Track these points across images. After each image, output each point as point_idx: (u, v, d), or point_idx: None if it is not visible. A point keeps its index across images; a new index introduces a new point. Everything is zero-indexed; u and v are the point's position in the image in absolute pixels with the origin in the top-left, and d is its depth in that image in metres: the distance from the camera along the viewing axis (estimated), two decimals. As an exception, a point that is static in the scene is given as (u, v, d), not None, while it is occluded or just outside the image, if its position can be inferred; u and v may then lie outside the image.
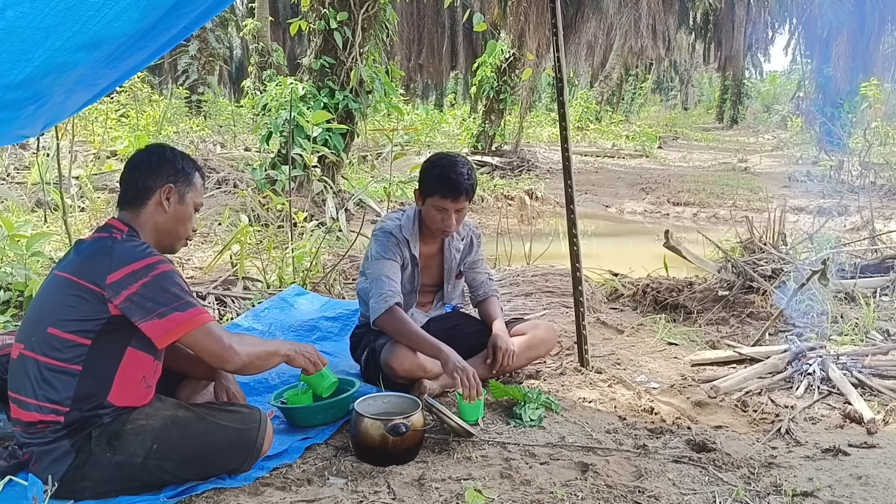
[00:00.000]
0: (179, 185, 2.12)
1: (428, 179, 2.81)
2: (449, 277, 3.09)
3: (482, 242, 3.19)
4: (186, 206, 2.14)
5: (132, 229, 2.06)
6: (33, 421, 1.93)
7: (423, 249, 2.96)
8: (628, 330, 3.92)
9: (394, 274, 2.81)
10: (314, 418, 2.48)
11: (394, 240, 2.87)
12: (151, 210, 2.09)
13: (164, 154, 2.15)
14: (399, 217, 2.97)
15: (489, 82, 13.25)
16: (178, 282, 1.98)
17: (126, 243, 1.99)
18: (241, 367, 2.08)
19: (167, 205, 2.10)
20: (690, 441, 2.46)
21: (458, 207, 2.78)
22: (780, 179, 12.61)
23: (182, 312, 1.94)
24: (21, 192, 6.68)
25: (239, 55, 27.03)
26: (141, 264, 1.93)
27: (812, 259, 4.57)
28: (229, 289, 4.31)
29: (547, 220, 8.98)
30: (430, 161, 2.87)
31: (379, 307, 2.74)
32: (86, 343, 1.92)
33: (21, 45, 1.84)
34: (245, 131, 14.04)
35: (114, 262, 1.92)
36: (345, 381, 2.63)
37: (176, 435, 2.00)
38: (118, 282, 1.90)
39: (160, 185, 2.09)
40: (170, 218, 2.11)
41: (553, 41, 3.16)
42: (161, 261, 1.97)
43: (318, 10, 7.07)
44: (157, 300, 1.92)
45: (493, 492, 2.06)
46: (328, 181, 6.27)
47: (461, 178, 2.74)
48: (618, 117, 25.60)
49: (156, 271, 1.94)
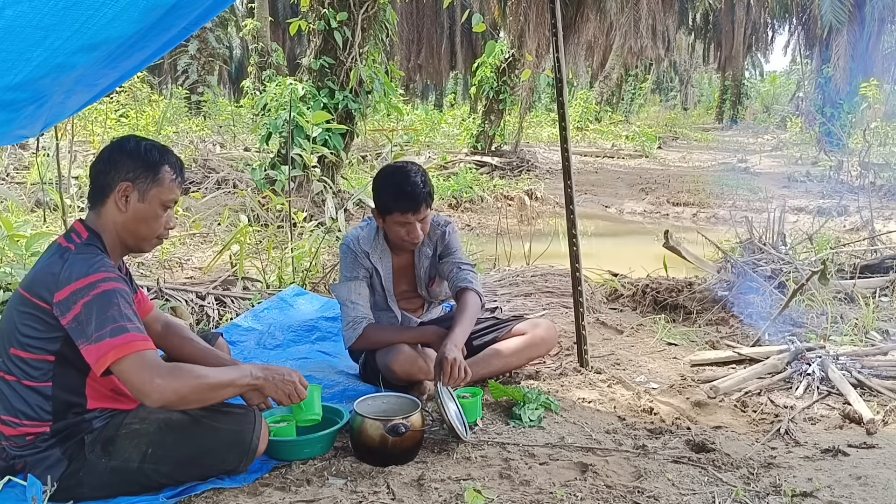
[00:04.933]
0: (139, 182, 1.95)
1: (383, 197, 2.70)
2: (420, 284, 3.01)
3: (455, 232, 2.99)
4: (149, 204, 1.97)
5: (93, 234, 1.95)
6: (20, 434, 1.91)
7: (395, 261, 2.91)
8: (628, 330, 3.92)
9: (358, 296, 2.78)
10: (300, 452, 2.26)
11: (351, 254, 2.82)
12: (111, 210, 1.96)
13: (124, 148, 1.98)
14: (363, 227, 2.90)
15: (489, 82, 13.26)
16: (117, 302, 1.81)
17: (77, 255, 1.87)
18: (167, 404, 1.85)
19: (123, 204, 1.94)
20: (690, 441, 2.46)
21: (420, 218, 2.70)
22: (780, 180, 12.61)
23: (113, 338, 1.78)
24: (21, 192, 6.68)
25: (239, 55, 27.04)
26: (84, 283, 1.80)
27: (812, 259, 4.58)
28: (229, 289, 4.31)
29: (546, 221, 8.98)
30: (381, 176, 2.75)
31: (350, 336, 2.76)
32: (49, 360, 1.87)
33: (20, 44, 1.83)
34: (245, 131, 14.03)
35: (60, 280, 1.81)
36: (331, 409, 2.41)
37: (170, 438, 1.96)
38: (63, 301, 1.80)
39: (116, 183, 1.94)
40: (129, 218, 1.96)
41: (553, 41, 3.16)
42: (105, 279, 1.83)
43: (318, 10, 7.07)
44: (94, 323, 1.79)
45: (493, 492, 2.06)
46: (328, 181, 6.27)
47: (417, 188, 2.65)
48: (617, 117, 25.63)
49: (96, 290, 1.80)
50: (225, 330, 3.55)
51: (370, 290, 2.88)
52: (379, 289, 2.91)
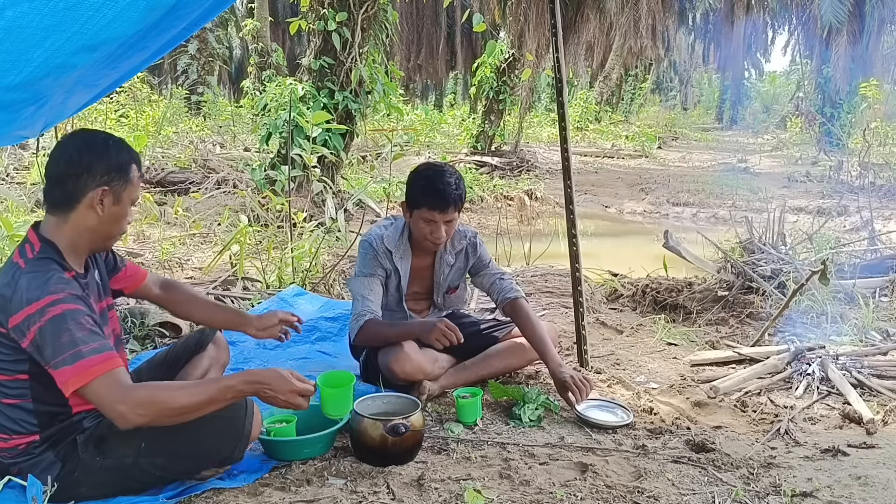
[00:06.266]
0: (115, 185, 1.87)
1: (414, 191, 2.74)
2: (438, 290, 3.03)
3: (483, 243, 3.09)
4: (122, 205, 1.91)
5: (46, 244, 1.86)
6: (11, 447, 1.90)
7: (414, 262, 2.92)
8: (628, 330, 3.92)
9: (370, 292, 2.79)
10: (300, 452, 2.25)
11: (372, 252, 2.83)
12: (82, 214, 1.86)
13: (95, 147, 1.87)
14: (387, 226, 2.92)
15: (489, 82, 13.27)
16: (68, 327, 1.74)
17: (27, 274, 1.79)
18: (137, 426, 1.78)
19: (100, 209, 1.86)
20: (690, 441, 2.46)
21: (447, 219, 2.72)
22: (780, 180, 12.62)
23: (72, 365, 1.72)
24: (21, 192, 6.68)
25: (239, 55, 27.02)
26: (34, 308, 1.73)
27: (812, 259, 4.57)
28: (229, 289, 4.31)
29: (546, 221, 8.98)
30: (416, 172, 2.80)
31: (353, 328, 2.78)
32: (24, 378, 1.84)
33: (20, 45, 1.83)
34: (245, 131, 14.04)
35: (13, 304, 1.75)
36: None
37: (163, 431, 1.92)
38: (18, 326, 1.75)
39: (92, 189, 1.84)
40: (103, 221, 1.89)
41: (553, 41, 3.16)
42: (54, 301, 1.75)
43: (318, 10, 7.07)
44: (49, 349, 1.73)
45: (493, 492, 2.06)
46: (328, 181, 6.28)
47: (449, 188, 2.68)
48: (617, 117, 25.63)
49: (46, 316, 1.73)
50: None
51: (384, 289, 2.89)
52: (393, 290, 2.92)
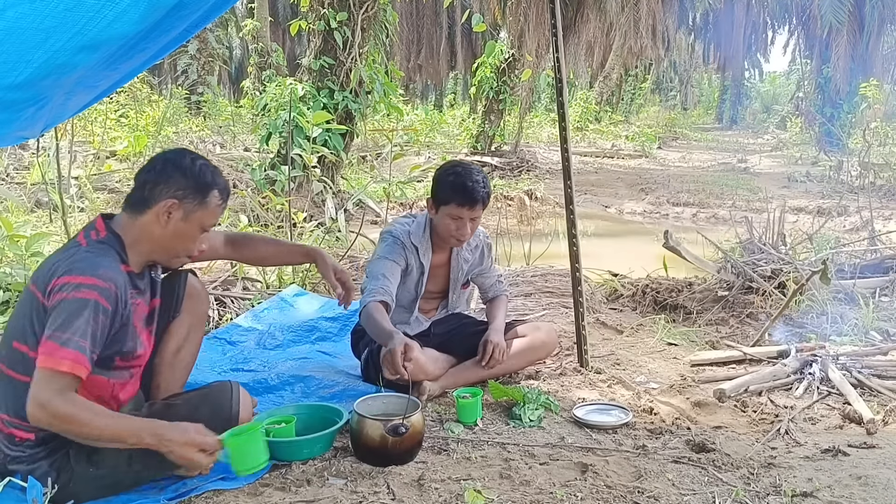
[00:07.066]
0: (187, 202, 1.92)
1: (443, 187, 2.78)
2: (455, 287, 3.09)
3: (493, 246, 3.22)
4: (190, 224, 1.94)
5: (112, 234, 1.92)
6: (10, 433, 1.89)
7: (433, 259, 2.95)
8: (628, 330, 3.92)
9: (391, 274, 2.78)
10: (300, 452, 2.25)
11: (399, 244, 2.85)
12: (149, 220, 1.93)
13: (180, 163, 1.95)
14: (409, 223, 2.94)
15: (489, 82, 13.27)
16: (87, 316, 1.74)
17: (84, 252, 1.84)
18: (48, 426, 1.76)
19: (165, 220, 1.92)
20: (690, 441, 2.46)
21: (473, 216, 2.78)
22: (780, 180, 12.63)
23: (56, 344, 1.71)
24: (21, 192, 6.68)
25: (239, 55, 27.02)
26: (76, 279, 1.76)
27: (812, 259, 4.58)
28: (229, 289, 4.31)
29: (546, 221, 8.99)
30: (444, 169, 2.84)
31: (362, 301, 2.74)
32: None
33: (21, 46, 1.84)
34: (245, 132, 14.03)
35: (57, 270, 1.80)
36: (331, 409, 2.43)
37: None
38: (53, 289, 1.78)
39: (164, 198, 1.91)
40: (166, 234, 1.93)
41: (553, 41, 3.16)
42: (93, 285, 1.77)
43: (318, 10, 7.08)
44: (60, 320, 1.74)
45: (493, 492, 2.06)
46: (328, 181, 6.29)
47: (477, 185, 2.73)
48: (617, 118, 25.62)
49: (79, 293, 1.75)
50: (225, 330, 3.55)
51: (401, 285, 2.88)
52: (412, 287, 2.94)
